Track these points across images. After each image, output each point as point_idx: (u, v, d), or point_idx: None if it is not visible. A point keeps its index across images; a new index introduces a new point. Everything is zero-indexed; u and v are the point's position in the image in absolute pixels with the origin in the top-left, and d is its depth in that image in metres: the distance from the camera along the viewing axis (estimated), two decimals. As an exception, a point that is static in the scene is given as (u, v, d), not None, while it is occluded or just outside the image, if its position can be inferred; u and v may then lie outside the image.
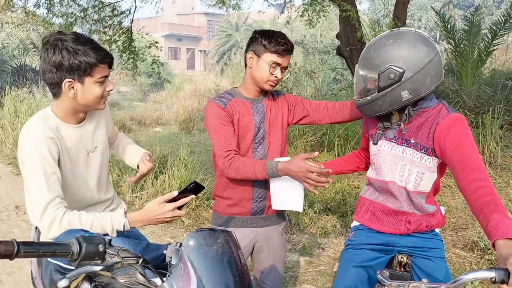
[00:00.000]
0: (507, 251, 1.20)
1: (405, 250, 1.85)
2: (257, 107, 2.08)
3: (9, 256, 0.91)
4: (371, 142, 1.88)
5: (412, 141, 1.73)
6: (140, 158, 1.99)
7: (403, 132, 1.73)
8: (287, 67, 2.04)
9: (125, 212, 1.54)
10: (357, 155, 2.16)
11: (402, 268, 1.84)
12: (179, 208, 1.51)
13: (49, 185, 1.51)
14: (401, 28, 1.70)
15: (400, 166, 1.76)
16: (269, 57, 1.97)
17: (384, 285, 1.51)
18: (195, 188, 1.50)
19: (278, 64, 1.98)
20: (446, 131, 1.61)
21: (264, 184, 2.06)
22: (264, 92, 2.11)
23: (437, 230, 1.89)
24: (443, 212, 1.91)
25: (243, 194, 2.07)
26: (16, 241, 0.93)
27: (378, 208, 1.87)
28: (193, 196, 1.51)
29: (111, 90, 1.69)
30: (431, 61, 1.61)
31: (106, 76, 1.64)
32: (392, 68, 1.60)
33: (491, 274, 1.23)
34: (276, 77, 1.99)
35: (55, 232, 1.47)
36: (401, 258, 1.83)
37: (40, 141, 1.55)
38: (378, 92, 1.66)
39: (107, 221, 1.51)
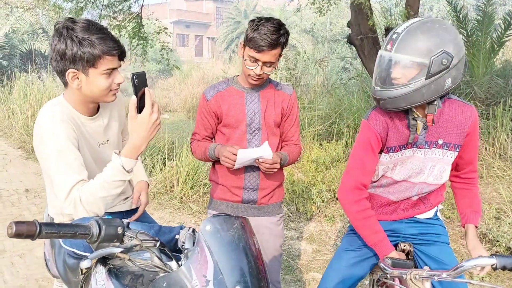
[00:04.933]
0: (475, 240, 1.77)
1: (409, 238, 1.86)
2: (251, 97, 2.03)
3: (32, 236, 0.93)
4: (390, 153, 1.74)
5: (440, 142, 1.71)
6: (140, 185, 1.97)
7: (433, 124, 1.63)
8: (273, 63, 1.90)
9: (119, 153, 1.45)
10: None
11: (405, 256, 1.84)
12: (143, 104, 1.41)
13: (72, 171, 1.48)
14: (431, 17, 1.65)
15: (429, 167, 1.76)
16: (248, 51, 1.87)
17: (387, 273, 1.52)
18: (140, 78, 1.39)
19: (256, 60, 1.86)
20: (475, 127, 1.72)
21: (256, 175, 2.06)
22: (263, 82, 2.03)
23: (439, 215, 1.90)
24: (441, 207, 1.98)
25: (235, 182, 2.07)
26: (38, 221, 0.95)
27: (380, 201, 1.86)
28: (146, 86, 1.40)
29: (120, 83, 1.61)
30: (465, 51, 1.59)
31: (115, 68, 1.57)
32: (446, 53, 1.51)
33: (492, 260, 1.25)
34: (255, 73, 1.89)
35: (83, 213, 1.44)
36: (404, 246, 1.84)
37: (58, 128, 1.52)
38: (426, 79, 1.53)
39: (110, 174, 1.43)
